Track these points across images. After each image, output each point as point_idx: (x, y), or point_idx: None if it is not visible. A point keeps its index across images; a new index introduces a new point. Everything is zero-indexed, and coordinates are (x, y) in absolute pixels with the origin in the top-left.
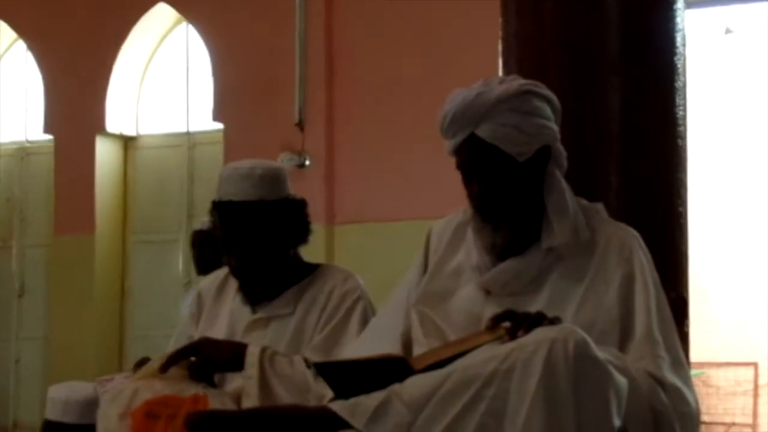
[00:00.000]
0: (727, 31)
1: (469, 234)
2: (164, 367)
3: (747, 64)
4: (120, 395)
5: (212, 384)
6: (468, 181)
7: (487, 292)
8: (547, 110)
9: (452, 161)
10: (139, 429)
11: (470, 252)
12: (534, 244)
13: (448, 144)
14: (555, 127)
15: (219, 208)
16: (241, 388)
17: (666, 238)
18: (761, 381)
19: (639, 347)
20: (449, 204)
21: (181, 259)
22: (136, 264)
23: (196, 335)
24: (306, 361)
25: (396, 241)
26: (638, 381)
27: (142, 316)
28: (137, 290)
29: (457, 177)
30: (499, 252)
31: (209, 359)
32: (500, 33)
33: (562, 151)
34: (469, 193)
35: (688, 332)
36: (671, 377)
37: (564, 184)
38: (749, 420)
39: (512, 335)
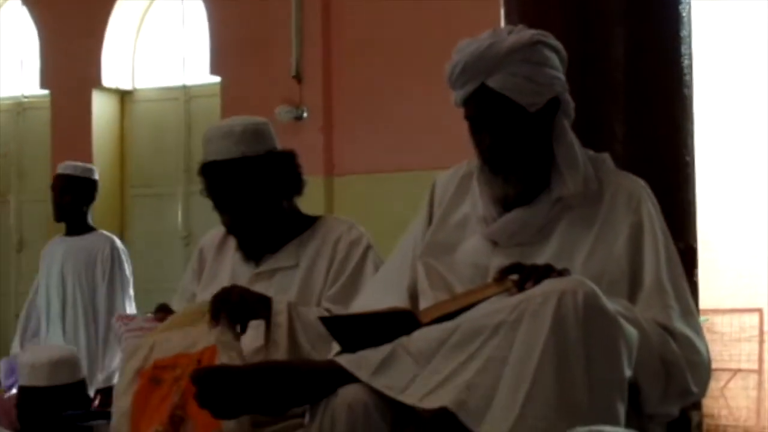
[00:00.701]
0: None
1: (474, 185)
2: (214, 320)
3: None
4: (138, 351)
5: (243, 330)
6: (477, 131)
7: (494, 243)
8: (556, 60)
9: (453, 111)
10: (141, 392)
11: (476, 203)
12: (541, 194)
13: (457, 94)
14: (563, 78)
15: (204, 169)
16: (258, 340)
17: (673, 188)
18: (766, 327)
19: (648, 297)
20: (450, 154)
21: (180, 211)
22: (135, 217)
23: (198, 292)
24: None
25: (396, 192)
26: (648, 332)
27: (141, 269)
28: (136, 243)
29: (457, 127)
30: (506, 203)
31: (242, 297)
32: None
33: (570, 102)
34: (478, 144)
35: (697, 282)
36: (681, 326)
37: (572, 134)
38: (755, 366)
39: (520, 287)
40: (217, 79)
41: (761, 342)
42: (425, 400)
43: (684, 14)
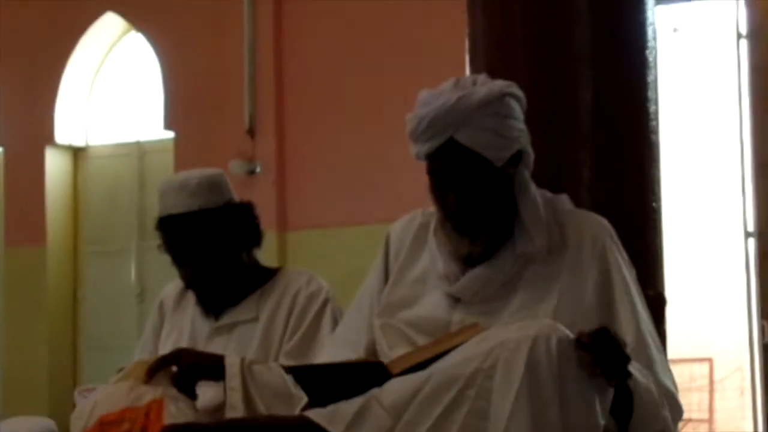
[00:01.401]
0: (675, 30)
1: (432, 239)
2: (149, 376)
3: (693, 62)
4: (83, 411)
5: (193, 395)
6: (441, 187)
7: (456, 299)
8: (520, 110)
9: (406, 163)
10: None
11: (434, 259)
12: (504, 249)
13: (420, 148)
14: (526, 128)
15: (161, 224)
16: (216, 399)
17: (641, 235)
18: (716, 376)
19: (635, 356)
20: (402, 207)
21: (133, 268)
22: (89, 274)
23: (159, 345)
24: (283, 367)
25: (350, 245)
26: (652, 387)
27: (95, 326)
28: (90, 301)
29: (411, 179)
30: (465, 259)
31: (190, 368)
32: (466, 29)
33: (531, 153)
34: (440, 200)
35: (665, 330)
36: (666, 381)
37: (532, 183)
38: (705, 416)
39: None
40: (170, 134)
41: (711, 391)
42: None
43: (650, 59)
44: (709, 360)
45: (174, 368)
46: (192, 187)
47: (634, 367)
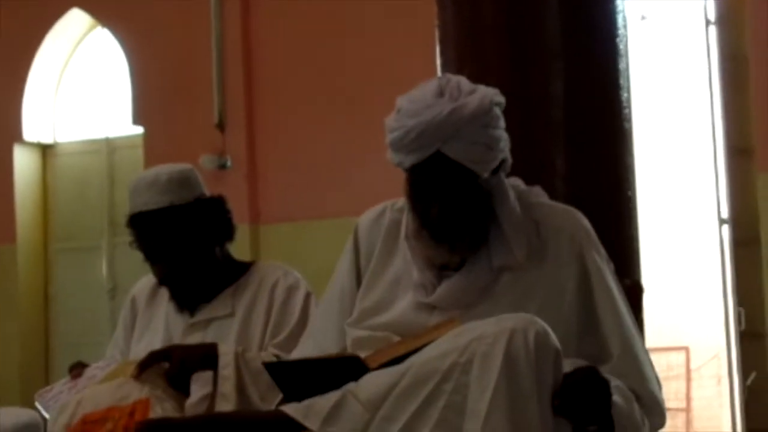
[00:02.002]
0: (643, 17)
1: (403, 245)
2: (138, 373)
3: (662, 49)
4: (65, 408)
5: (187, 390)
6: (422, 199)
7: (433, 306)
8: (502, 118)
9: (376, 157)
10: None
11: (408, 265)
12: (481, 256)
13: (404, 159)
14: (507, 136)
15: (133, 221)
16: (205, 390)
17: (616, 224)
18: (693, 365)
19: (622, 364)
20: (375, 200)
21: (104, 265)
22: (59, 272)
23: (132, 343)
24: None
25: (323, 238)
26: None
27: (67, 324)
28: (61, 298)
29: (381, 172)
30: (440, 266)
31: (182, 361)
32: (436, 21)
33: (510, 158)
34: (420, 211)
35: (643, 319)
36: (653, 388)
37: (510, 189)
38: (683, 404)
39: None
40: (139, 129)
41: (688, 380)
42: None
43: (621, 47)
44: (686, 348)
45: (165, 365)
46: (162, 183)
47: (616, 388)
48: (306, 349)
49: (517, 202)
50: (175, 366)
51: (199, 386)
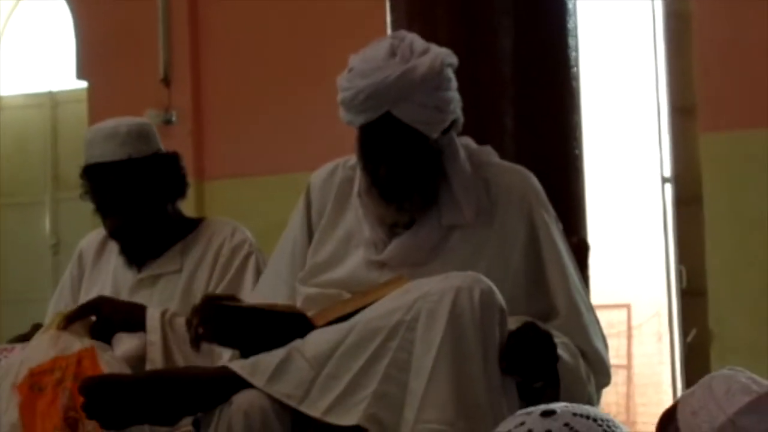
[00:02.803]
0: None
1: (355, 201)
2: (65, 325)
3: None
4: (11, 367)
5: (109, 344)
6: (372, 158)
7: (383, 264)
8: (455, 79)
9: (326, 111)
10: (24, 404)
11: (360, 222)
12: (431, 215)
13: (354, 118)
14: (459, 97)
15: (88, 172)
16: (136, 350)
17: (563, 181)
18: (634, 322)
19: (567, 321)
20: (322, 156)
21: (48, 220)
22: (2, 228)
23: (80, 297)
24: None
25: (269, 195)
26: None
27: (10, 280)
28: (4, 254)
29: (329, 128)
30: (391, 224)
31: (108, 319)
32: None
33: (461, 118)
34: (369, 169)
35: (588, 277)
36: (597, 344)
37: (461, 149)
38: (624, 361)
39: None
40: (83, 84)
41: (629, 337)
42: (331, 414)
43: (570, 5)
44: (627, 306)
45: (92, 318)
46: (121, 135)
47: (561, 344)
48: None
49: (468, 162)
50: (100, 321)
51: (134, 345)
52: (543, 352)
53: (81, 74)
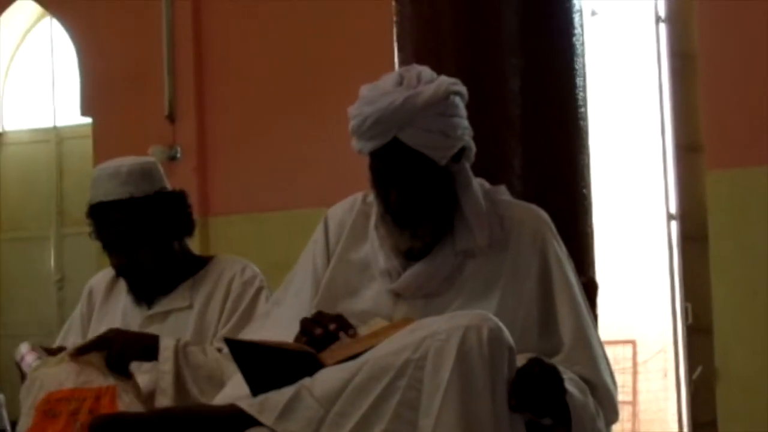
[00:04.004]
0: (593, 13)
1: (372, 234)
2: (77, 354)
3: (613, 46)
4: (32, 385)
5: (127, 376)
6: (383, 184)
7: (398, 294)
8: (464, 108)
9: (329, 149)
10: (36, 426)
11: (376, 252)
12: (445, 244)
13: (363, 145)
14: (468, 125)
15: (92, 211)
16: (152, 384)
17: (572, 221)
18: (639, 359)
19: (573, 352)
20: (326, 193)
21: (52, 255)
22: (6, 262)
23: (89, 334)
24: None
25: (273, 231)
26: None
27: (13, 314)
28: (8, 288)
29: (333, 165)
30: (406, 253)
31: (122, 352)
32: (394, 17)
33: (473, 148)
34: (382, 196)
35: (597, 315)
36: (606, 378)
37: (474, 178)
38: (629, 398)
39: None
40: (88, 119)
41: (635, 373)
42: None
43: (578, 46)
44: (633, 342)
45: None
46: (123, 174)
47: (569, 379)
48: (270, 331)
49: (481, 196)
50: (115, 353)
51: (147, 380)
52: (550, 387)
53: (85, 111)
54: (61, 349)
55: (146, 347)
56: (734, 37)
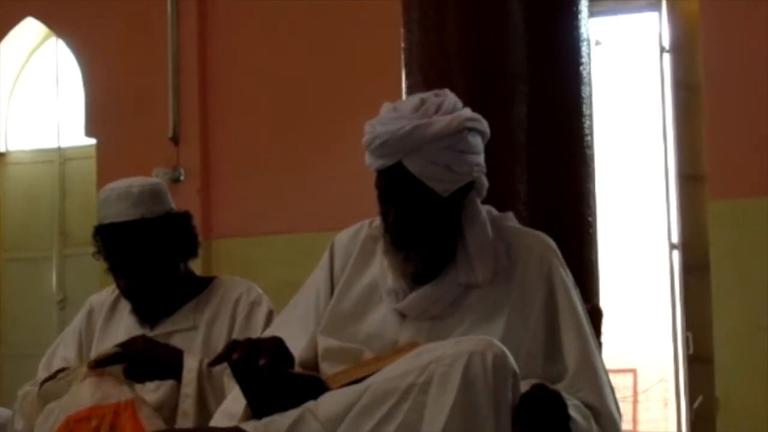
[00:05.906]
0: (597, 43)
1: (381, 256)
2: (96, 365)
3: (617, 75)
4: (51, 412)
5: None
6: (384, 203)
7: (403, 316)
8: (480, 144)
9: (334, 172)
10: None
11: (384, 272)
12: (447, 270)
13: (372, 161)
14: (482, 161)
15: (101, 232)
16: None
17: (577, 248)
18: (640, 388)
19: (577, 378)
20: (330, 216)
21: (54, 276)
22: (8, 282)
23: (92, 352)
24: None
25: (276, 254)
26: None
27: (15, 335)
28: (10, 309)
29: (337, 188)
30: (413, 276)
31: (143, 356)
32: (402, 44)
33: (485, 183)
34: (382, 214)
35: (602, 343)
36: (610, 406)
37: (482, 212)
38: (629, 426)
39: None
40: (92, 140)
41: (635, 402)
42: None
43: (585, 74)
44: (633, 371)
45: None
46: (133, 196)
47: (573, 406)
48: None
49: (489, 226)
50: (138, 354)
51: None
52: (553, 413)
53: (89, 131)
54: (58, 372)
55: (169, 363)
56: (738, 68)
